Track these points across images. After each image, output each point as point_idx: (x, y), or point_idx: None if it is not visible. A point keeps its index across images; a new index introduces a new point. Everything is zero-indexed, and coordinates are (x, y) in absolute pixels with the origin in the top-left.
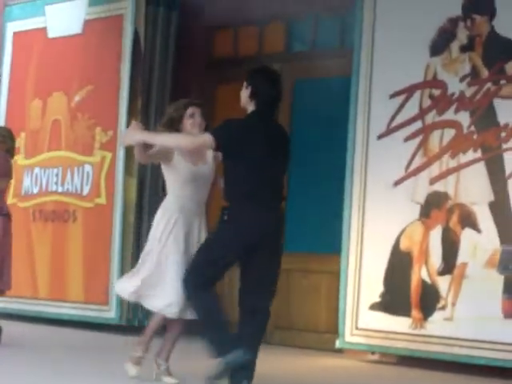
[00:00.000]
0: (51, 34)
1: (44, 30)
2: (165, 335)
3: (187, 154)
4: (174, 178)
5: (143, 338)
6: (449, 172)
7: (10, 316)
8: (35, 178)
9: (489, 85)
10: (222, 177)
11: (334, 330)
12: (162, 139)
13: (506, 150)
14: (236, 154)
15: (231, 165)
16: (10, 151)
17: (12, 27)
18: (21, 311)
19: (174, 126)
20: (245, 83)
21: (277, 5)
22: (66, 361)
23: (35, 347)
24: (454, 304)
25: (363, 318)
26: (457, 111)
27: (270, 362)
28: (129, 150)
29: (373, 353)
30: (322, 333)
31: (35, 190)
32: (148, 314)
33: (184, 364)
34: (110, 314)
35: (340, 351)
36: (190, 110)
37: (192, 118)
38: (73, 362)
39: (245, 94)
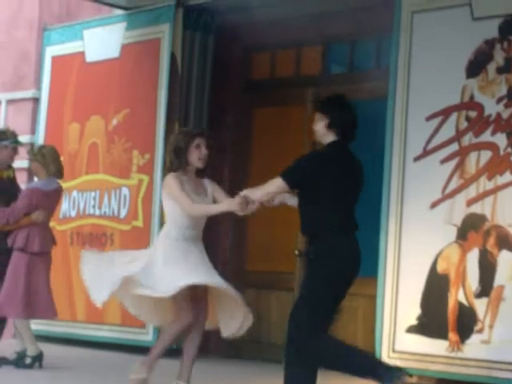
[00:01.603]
0: (89, 58)
1: (82, 54)
2: (183, 356)
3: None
4: (179, 208)
5: (149, 358)
6: (485, 194)
7: (49, 339)
8: (73, 201)
9: None
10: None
11: (371, 352)
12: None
13: None
14: (318, 187)
15: (313, 197)
16: (51, 170)
17: (51, 51)
18: (60, 334)
19: (180, 154)
20: (319, 114)
21: (314, 27)
22: (99, 382)
23: (74, 369)
24: (491, 327)
25: (400, 341)
26: (493, 133)
27: None
28: (165, 173)
29: (410, 375)
30: None
31: (73, 214)
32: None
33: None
34: (148, 337)
35: None
36: (196, 141)
37: (198, 150)
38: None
39: (321, 124)
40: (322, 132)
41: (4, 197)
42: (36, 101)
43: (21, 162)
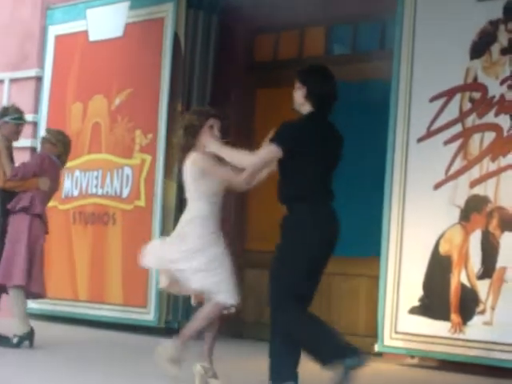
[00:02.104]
0: (92, 38)
1: (85, 33)
2: (205, 336)
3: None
4: (211, 185)
5: (181, 338)
6: (489, 175)
7: (50, 318)
8: (75, 180)
9: None
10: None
11: (374, 333)
12: (235, 157)
13: None
14: (299, 155)
15: (295, 166)
16: (62, 157)
17: (54, 30)
18: (61, 313)
19: (193, 132)
20: (298, 83)
21: (317, 9)
22: (100, 361)
23: (73, 348)
24: (493, 308)
25: (402, 322)
26: (497, 114)
27: (308, 365)
28: (168, 153)
29: (412, 357)
30: (361, 336)
31: (75, 193)
32: (188, 315)
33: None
34: (149, 316)
35: (379, 355)
36: (210, 121)
37: (211, 130)
38: (107, 363)
39: (299, 94)
40: (300, 101)
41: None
42: (39, 80)
43: (24, 141)
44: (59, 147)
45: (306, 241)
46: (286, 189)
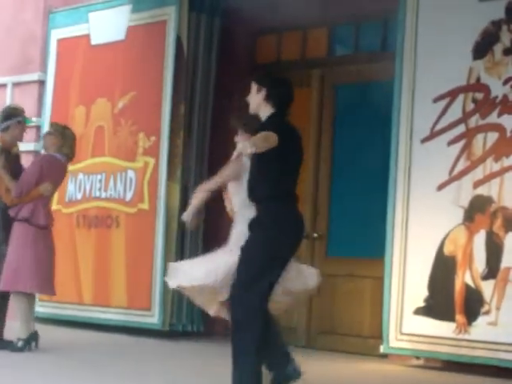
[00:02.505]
0: (94, 41)
1: (88, 36)
2: None
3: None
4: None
5: None
6: (492, 176)
7: (55, 321)
8: (79, 184)
9: None
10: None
11: (378, 334)
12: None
13: None
14: (277, 154)
15: (270, 164)
16: (63, 149)
17: (56, 34)
18: (66, 317)
19: None
20: (256, 86)
21: (319, 10)
22: (104, 364)
23: (77, 351)
24: (498, 308)
25: (408, 323)
26: (500, 115)
27: (313, 367)
28: (171, 156)
29: (417, 358)
30: (366, 338)
31: (79, 196)
32: (193, 318)
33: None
34: (153, 319)
35: (384, 356)
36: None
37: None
38: (111, 366)
39: (258, 97)
40: (259, 103)
41: (10, 172)
42: (42, 83)
43: (27, 145)
44: (58, 137)
45: (276, 240)
46: (260, 187)
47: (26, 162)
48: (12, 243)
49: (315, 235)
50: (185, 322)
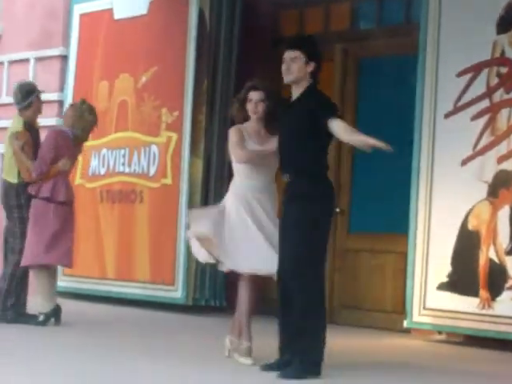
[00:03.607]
0: (117, 16)
1: (110, 11)
2: (237, 310)
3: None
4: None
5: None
6: None
7: (78, 296)
8: (102, 158)
9: None
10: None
11: (400, 309)
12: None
13: None
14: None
15: (323, 141)
16: (76, 130)
17: (79, 9)
18: (90, 291)
19: (239, 106)
20: (303, 57)
21: None
22: (127, 339)
23: (102, 326)
24: None
25: (431, 298)
26: None
27: (336, 341)
28: (194, 131)
29: (440, 332)
30: (388, 312)
31: (102, 171)
32: (216, 293)
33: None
34: (177, 294)
35: (406, 331)
36: (250, 95)
37: (250, 103)
38: (135, 341)
39: (305, 69)
40: (303, 75)
41: (35, 148)
42: (64, 58)
43: (50, 120)
44: (76, 111)
45: (330, 212)
46: (311, 161)
47: None
48: (31, 220)
49: (337, 210)
50: (208, 296)
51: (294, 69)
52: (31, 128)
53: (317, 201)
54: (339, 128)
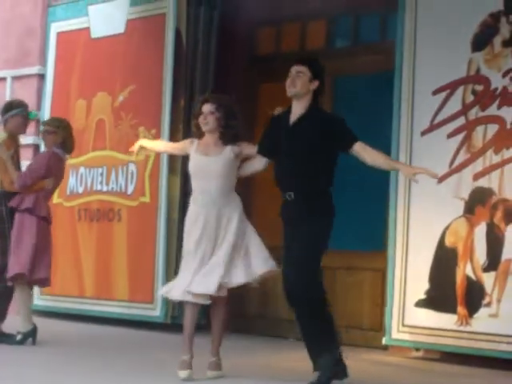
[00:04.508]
0: (94, 34)
1: (87, 30)
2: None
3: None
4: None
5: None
6: (492, 168)
7: (56, 315)
8: (80, 177)
9: None
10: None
11: (378, 327)
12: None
13: None
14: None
15: (328, 156)
16: (67, 143)
17: (56, 27)
18: (67, 310)
19: (195, 121)
20: (308, 74)
21: (318, 1)
22: (106, 358)
23: (78, 345)
24: (499, 300)
25: (409, 315)
26: (500, 107)
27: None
28: None
29: (417, 349)
30: (365, 330)
31: (80, 190)
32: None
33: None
34: (155, 312)
35: (384, 348)
36: (202, 108)
37: (201, 116)
38: (113, 359)
39: (308, 86)
40: (305, 92)
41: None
42: (41, 77)
43: (27, 139)
44: (61, 132)
45: (330, 227)
46: (320, 178)
47: (25, 155)
48: (14, 234)
49: None
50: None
51: (298, 83)
52: (16, 143)
53: (323, 219)
54: (372, 154)
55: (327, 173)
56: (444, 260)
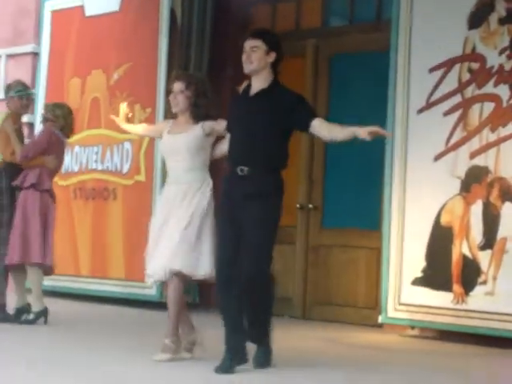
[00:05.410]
0: (89, 12)
1: (82, 8)
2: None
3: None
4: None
5: (169, 329)
6: (489, 146)
7: (52, 293)
8: (75, 156)
9: None
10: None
11: (373, 305)
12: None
13: None
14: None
15: (289, 135)
16: (65, 130)
17: (50, 6)
18: (63, 288)
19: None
20: (263, 47)
21: None
22: (103, 336)
23: (77, 324)
24: (494, 278)
25: (406, 294)
26: (496, 84)
27: (309, 337)
28: None
29: (412, 327)
30: (360, 308)
31: (75, 168)
32: (189, 290)
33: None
34: (151, 291)
35: (379, 326)
36: (173, 86)
37: (171, 96)
38: (110, 338)
39: (265, 59)
40: (264, 65)
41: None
42: (36, 55)
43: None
44: (60, 121)
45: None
46: (280, 156)
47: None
48: (19, 212)
49: (310, 206)
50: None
51: (255, 58)
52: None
53: (277, 197)
54: (328, 128)
55: (284, 150)
56: (440, 238)
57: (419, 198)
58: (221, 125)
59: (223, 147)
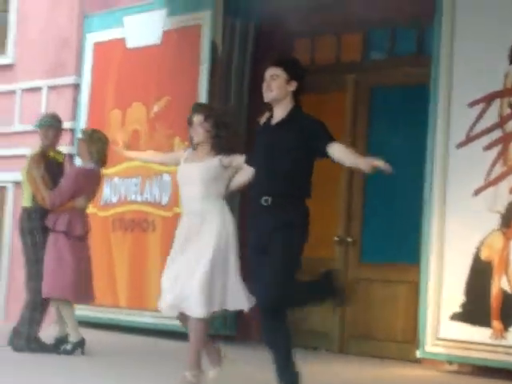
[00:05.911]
0: (130, 45)
1: (123, 40)
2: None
3: None
4: None
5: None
6: None
7: (91, 324)
8: (114, 187)
9: None
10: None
11: (412, 339)
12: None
13: None
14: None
15: (312, 164)
16: (99, 154)
17: (92, 38)
18: (102, 320)
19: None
20: (284, 76)
21: (354, 14)
22: (141, 367)
23: (115, 355)
24: None
25: (444, 328)
26: None
27: (347, 372)
28: None
29: (450, 363)
30: (399, 342)
31: (114, 200)
32: (226, 322)
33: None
34: None
35: (417, 361)
36: (193, 119)
37: (191, 127)
38: (148, 369)
39: (286, 88)
40: (283, 95)
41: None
42: (77, 87)
43: (62, 149)
44: (94, 143)
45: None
46: (301, 184)
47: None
48: (49, 253)
49: (349, 240)
50: (218, 325)
51: (275, 86)
52: (45, 156)
53: (302, 227)
54: (341, 152)
55: (307, 179)
56: (479, 273)
57: (458, 232)
58: (238, 160)
59: (240, 179)
